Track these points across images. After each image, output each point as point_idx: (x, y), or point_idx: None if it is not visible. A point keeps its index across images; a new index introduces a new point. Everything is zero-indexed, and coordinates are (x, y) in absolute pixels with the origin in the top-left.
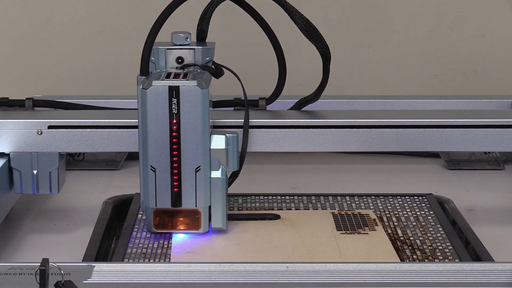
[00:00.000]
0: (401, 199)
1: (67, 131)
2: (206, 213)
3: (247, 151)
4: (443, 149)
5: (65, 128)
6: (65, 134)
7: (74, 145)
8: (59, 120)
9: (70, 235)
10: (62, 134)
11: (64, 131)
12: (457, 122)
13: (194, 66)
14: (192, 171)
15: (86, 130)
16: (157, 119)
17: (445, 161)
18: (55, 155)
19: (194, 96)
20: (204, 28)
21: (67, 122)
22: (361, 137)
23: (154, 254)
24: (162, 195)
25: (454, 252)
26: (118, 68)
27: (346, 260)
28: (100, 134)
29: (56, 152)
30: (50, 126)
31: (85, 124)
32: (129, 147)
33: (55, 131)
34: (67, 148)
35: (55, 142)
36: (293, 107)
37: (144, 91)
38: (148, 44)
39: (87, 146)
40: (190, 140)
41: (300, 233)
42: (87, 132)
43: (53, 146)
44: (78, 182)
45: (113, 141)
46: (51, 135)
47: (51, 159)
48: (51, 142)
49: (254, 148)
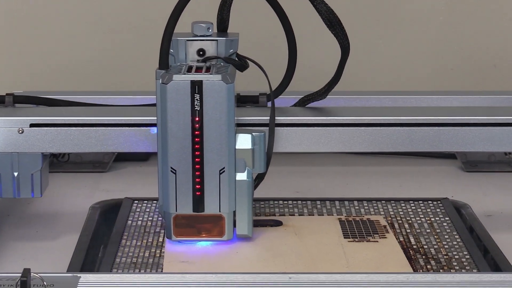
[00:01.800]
0: (414, 204)
1: (51, 129)
2: (231, 219)
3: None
4: (459, 149)
5: (48, 126)
6: (48, 132)
7: (58, 145)
8: (42, 117)
9: (54, 243)
10: (45, 133)
11: (47, 130)
12: (475, 120)
13: (217, 58)
14: (215, 173)
15: (72, 129)
16: (178, 116)
17: (461, 163)
18: (38, 156)
19: (218, 92)
20: (225, 17)
21: (50, 120)
22: (370, 136)
23: (145, 263)
24: (183, 200)
25: (471, 262)
26: (107, 61)
27: (354, 270)
28: (87, 133)
29: (39, 153)
30: (32, 124)
31: (71, 122)
32: (118, 147)
33: (38, 129)
34: (51, 148)
35: (37, 141)
36: (297, 104)
37: (164, 86)
38: (167, 35)
39: (73, 146)
40: (214, 140)
41: (304, 241)
42: (73, 130)
43: (35, 146)
44: (63, 185)
45: (101, 140)
46: (33, 134)
47: (33, 160)
48: (33, 141)
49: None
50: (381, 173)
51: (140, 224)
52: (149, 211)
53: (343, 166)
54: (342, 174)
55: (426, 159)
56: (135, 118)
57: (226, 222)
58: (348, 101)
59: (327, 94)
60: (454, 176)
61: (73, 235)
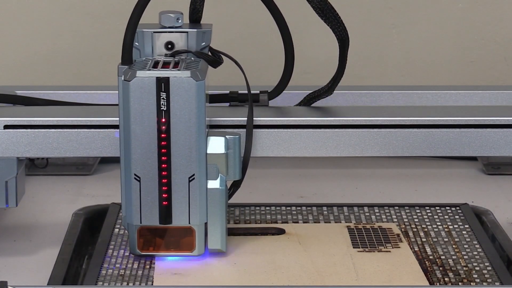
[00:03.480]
0: (430, 210)
1: (27, 131)
2: (202, 232)
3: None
4: (483, 153)
5: (24, 128)
6: (24, 135)
7: (36, 149)
8: (17, 118)
9: (33, 253)
10: (21, 136)
11: (23, 132)
12: (501, 121)
13: (187, 53)
14: (184, 181)
15: (51, 131)
16: (142, 117)
17: (483, 165)
18: (13, 161)
19: (187, 90)
20: (199, 7)
21: (27, 121)
22: (383, 139)
23: (134, 276)
24: (148, 210)
25: (493, 274)
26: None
27: (364, 283)
28: (68, 136)
29: (14, 157)
30: (7, 125)
31: (49, 123)
32: (102, 151)
33: (13, 131)
34: (27, 152)
35: (12, 145)
36: (302, 103)
37: (127, 83)
38: (131, 26)
39: (52, 150)
40: (183, 143)
41: (308, 251)
42: (52, 132)
43: (10, 150)
44: (43, 190)
45: (83, 144)
46: (8, 136)
47: (7, 166)
48: (7, 145)
49: (255, 153)
50: (394, 176)
51: (128, 232)
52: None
53: (352, 169)
54: (351, 177)
55: (443, 161)
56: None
57: (197, 235)
58: (357, 97)
59: (333, 90)
60: (474, 179)
61: (54, 245)
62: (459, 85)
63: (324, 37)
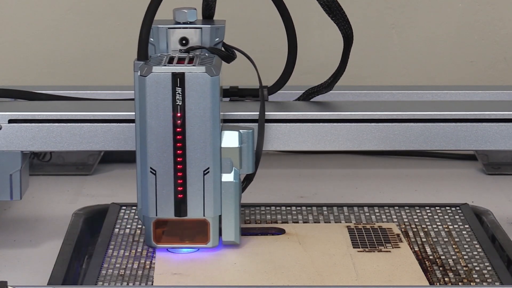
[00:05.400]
0: (430, 210)
1: (31, 125)
2: (216, 224)
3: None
4: (479, 147)
5: (29, 122)
6: (28, 129)
7: (40, 143)
8: (21, 112)
9: (33, 253)
10: (26, 130)
11: (27, 126)
12: (497, 116)
13: (201, 48)
14: (199, 174)
15: (54, 125)
16: (158, 112)
17: (483, 165)
18: (17, 155)
19: (202, 85)
20: (211, 3)
21: (31, 115)
22: (381, 133)
23: (133, 276)
24: (163, 203)
25: (494, 274)
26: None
27: (364, 283)
28: (71, 130)
29: (18, 151)
30: (11, 120)
31: (53, 118)
32: (105, 145)
33: (17, 125)
34: (32, 146)
35: (16, 139)
36: (301, 97)
37: (143, 78)
38: (147, 22)
39: (56, 143)
40: (197, 137)
41: (309, 251)
42: (55, 127)
43: (14, 144)
44: (44, 189)
45: (86, 138)
46: (12, 130)
47: (12, 159)
48: (12, 139)
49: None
50: (394, 176)
51: (128, 232)
52: (138, 218)
53: (352, 169)
54: (351, 177)
55: (443, 160)
56: (124, 113)
57: (211, 228)
58: (357, 96)
59: (333, 86)
60: (474, 179)
61: (54, 245)
62: (459, 85)
63: (325, 38)
